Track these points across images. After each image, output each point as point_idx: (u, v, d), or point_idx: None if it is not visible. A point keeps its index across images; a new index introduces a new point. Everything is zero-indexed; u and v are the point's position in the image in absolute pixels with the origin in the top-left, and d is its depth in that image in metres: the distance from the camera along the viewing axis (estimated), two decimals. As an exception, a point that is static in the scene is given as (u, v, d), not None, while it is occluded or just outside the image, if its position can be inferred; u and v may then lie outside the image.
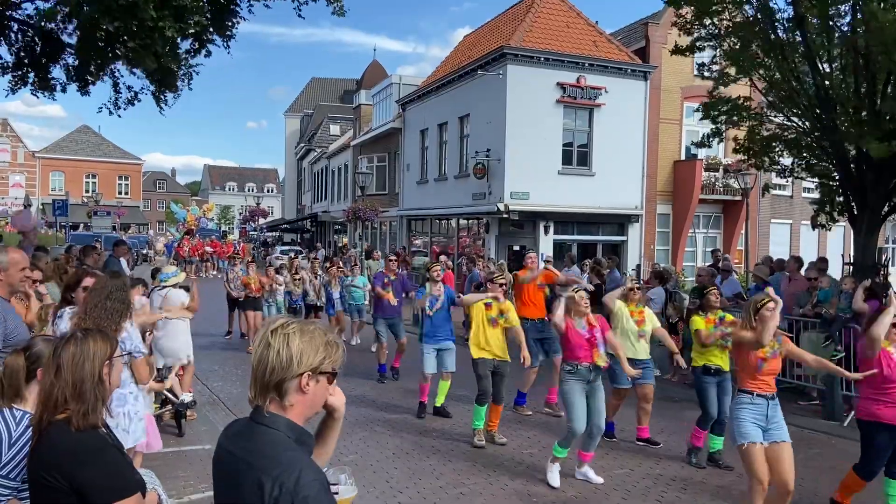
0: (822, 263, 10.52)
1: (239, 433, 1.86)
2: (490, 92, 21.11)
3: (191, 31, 9.59)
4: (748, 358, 5.05)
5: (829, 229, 13.11)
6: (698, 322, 6.60)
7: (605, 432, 6.94)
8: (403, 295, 10.61)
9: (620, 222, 22.36)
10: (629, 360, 6.71)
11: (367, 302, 13.41)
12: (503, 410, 7.64)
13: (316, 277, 13.18)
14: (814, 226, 13.50)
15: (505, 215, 20.39)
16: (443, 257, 18.19)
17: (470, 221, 23.68)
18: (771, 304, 5.01)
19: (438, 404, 8.32)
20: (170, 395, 7.12)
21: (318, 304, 12.98)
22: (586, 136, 21.45)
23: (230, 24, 10.79)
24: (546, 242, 20.88)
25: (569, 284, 8.22)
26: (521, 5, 24.30)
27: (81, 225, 40.12)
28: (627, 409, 7.63)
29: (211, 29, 10.47)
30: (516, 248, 21.31)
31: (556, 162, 20.92)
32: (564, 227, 21.50)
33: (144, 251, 36.48)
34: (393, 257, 11.55)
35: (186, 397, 7.22)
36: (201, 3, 9.26)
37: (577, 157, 21.37)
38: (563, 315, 6.17)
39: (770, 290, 5.43)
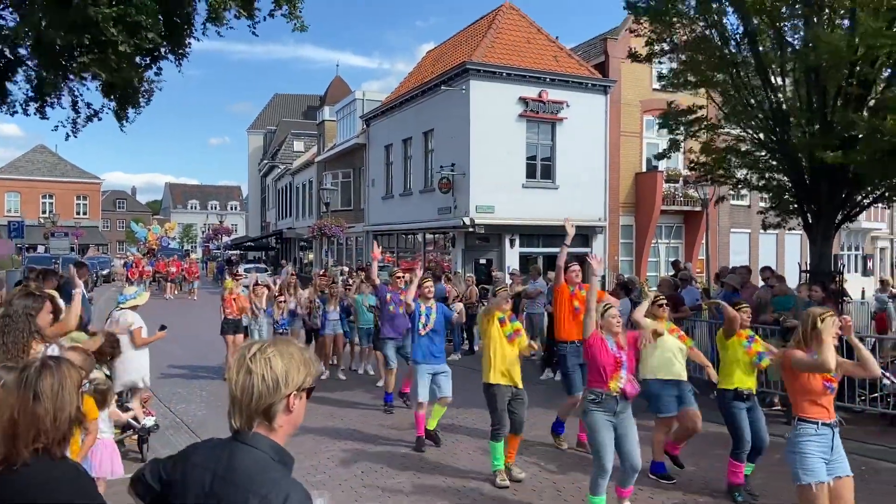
0: (768, 272, 11.15)
1: (216, 455, 1.84)
2: (454, 107, 21.26)
3: (146, 46, 9.44)
4: (810, 382, 4.41)
5: (783, 227, 13.42)
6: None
7: (659, 474, 6.46)
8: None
9: (584, 234, 22.59)
10: (674, 381, 6.45)
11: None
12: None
13: (318, 296, 11.90)
14: (764, 227, 13.83)
15: (471, 229, 20.50)
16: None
17: (436, 236, 23.73)
18: (832, 320, 4.34)
19: (430, 427, 7.56)
20: (131, 420, 6.96)
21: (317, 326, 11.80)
22: (549, 150, 21.72)
23: (184, 42, 10.68)
24: (512, 255, 21.04)
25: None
26: (482, 21, 24.58)
27: (40, 247, 39.20)
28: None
29: (165, 45, 10.33)
30: (482, 261, 21.42)
31: (520, 175, 21.13)
32: (530, 240, 21.68)
33: (105, 272, 35.80)
34: (400, 274, 9.87)
35: (148, 421, 7.07)
36: (156, 21, 9.16)
37: (540, 170, 21.62)
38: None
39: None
